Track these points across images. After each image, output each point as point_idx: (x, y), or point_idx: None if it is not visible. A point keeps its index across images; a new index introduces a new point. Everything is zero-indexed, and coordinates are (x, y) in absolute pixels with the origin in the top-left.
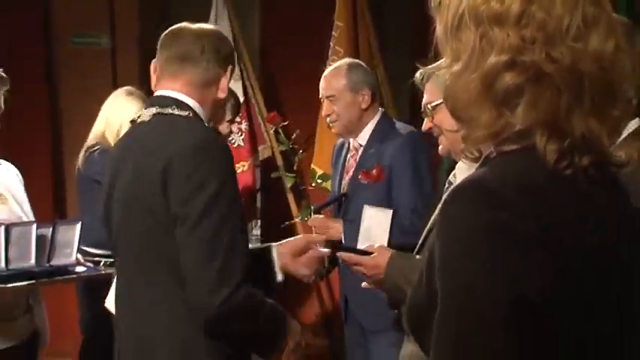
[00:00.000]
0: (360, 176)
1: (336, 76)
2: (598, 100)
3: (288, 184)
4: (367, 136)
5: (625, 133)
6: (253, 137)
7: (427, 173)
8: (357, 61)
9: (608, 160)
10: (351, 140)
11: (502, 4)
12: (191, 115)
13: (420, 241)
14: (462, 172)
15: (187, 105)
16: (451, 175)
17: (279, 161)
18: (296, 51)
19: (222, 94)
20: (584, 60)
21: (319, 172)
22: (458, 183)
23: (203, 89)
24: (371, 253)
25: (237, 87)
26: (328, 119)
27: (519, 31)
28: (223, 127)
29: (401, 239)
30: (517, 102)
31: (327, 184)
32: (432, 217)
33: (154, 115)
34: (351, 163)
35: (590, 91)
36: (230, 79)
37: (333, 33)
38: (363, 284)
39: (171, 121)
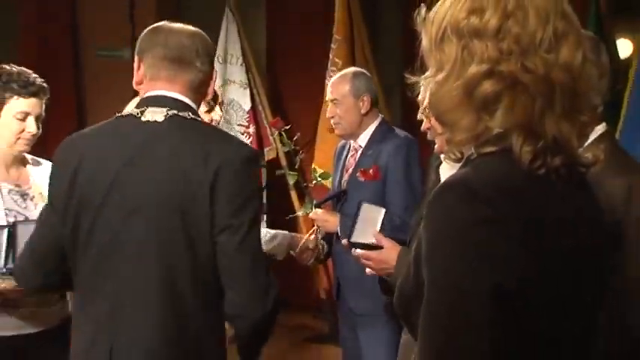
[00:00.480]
0: (358, 174)
1: (341, 82)
2: (568, 106)
3: (291, 181)
4: (367, 139)
5: (592, 137)
6: (260, 140)
7: (419, 175)
8: (361, 70)
9: (577, 160)
10: (352, 142)
11: (481, 19)
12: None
13: (409, 237)
14: (446, 172)
15: (195, 110)
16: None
17: (283, 161)
18: (299, 62)
19: (209, 96)
20: (556, 70)
21: (320, 170)
22: (442, 182)
23: (197, 92)
24: (380, 247)
25: (245, 95)
26: (332, 121)
27: (497, 44)
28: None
29: (391, 234)
30: (495, 108)
31: (327, 182)
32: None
33: (171, 116)
34: (351, 163)
35: (561, 98)
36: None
37: (332, 46)
38: (367, 271)
39: (199, 127)
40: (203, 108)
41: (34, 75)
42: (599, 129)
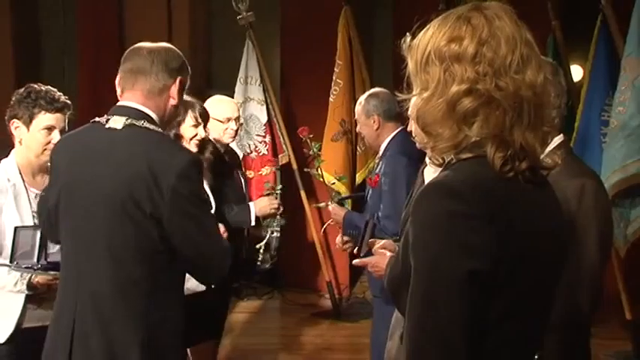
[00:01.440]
0: (367, 181)
1: (359, 105)
2: (533, 118)
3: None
4: (381, 152)
5: (552, 145)
6: (274, 148)
7: (404, 184)
8: (375, 92)
9: (540, 164)
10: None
11: (460, 45)
12: (159, 129)
13: (399, 231)
14: (429, 174)
15: (151, 118)
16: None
17: (294, 165)
18: (307, 83)
19: (173, 101)
20: (523, 88)
21: (339, 174)
22: (427, 183)
23: (156, 98)
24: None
25: (262, 110)
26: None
27: (474, 67)
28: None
29: (376, 235)
30: (473, 120)
31: (340, 184)
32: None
33: (128, 125)
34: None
35: (527, 112)
36: (182, 88)
37: (335, 69)
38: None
39: (150, 135)
40: (190, 122)
41: (59, 93)
42: (558, 139)
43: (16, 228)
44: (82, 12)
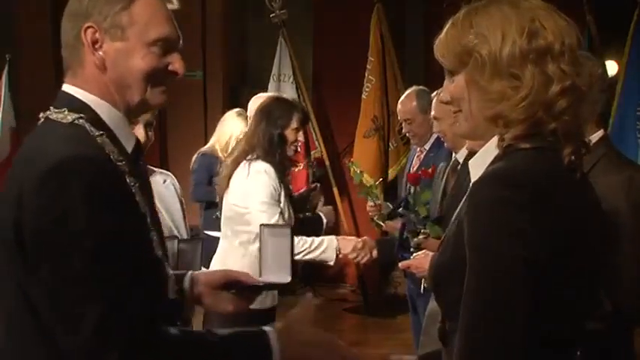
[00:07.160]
0: (419, 172)
1: (408, 103)
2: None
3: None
4: (430, 143)
5: (594, 140)
6: (307, 145)
7: None
8: (422, 88)
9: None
10: (419, 147)
11: (545, 40)
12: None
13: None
14: (477, 168)
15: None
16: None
17: (327, 161)
18: (339, 80)
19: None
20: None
21: (368, 183)
22: (487, 172)
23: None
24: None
25: None
26: (408, 134)
27: (563, 62)
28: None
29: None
30: (565, 116)
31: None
32: (461, 202)
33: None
34: (416, 162)
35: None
36: None
37: (367, 66)
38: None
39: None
40: (294, 125)
41: None
42: (598, 134)
43: None
44: None
